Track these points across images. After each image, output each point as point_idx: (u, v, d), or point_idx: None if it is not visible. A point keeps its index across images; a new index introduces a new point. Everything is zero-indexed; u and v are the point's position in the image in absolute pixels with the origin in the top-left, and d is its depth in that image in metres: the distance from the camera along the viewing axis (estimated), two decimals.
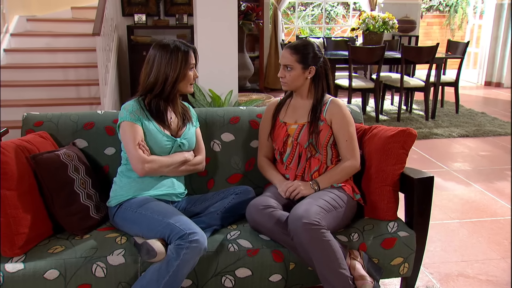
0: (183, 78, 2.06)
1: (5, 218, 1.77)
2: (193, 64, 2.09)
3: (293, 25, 8.42)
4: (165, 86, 2.04)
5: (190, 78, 2.08)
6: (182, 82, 2.07)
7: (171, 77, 2.02)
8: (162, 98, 2.07)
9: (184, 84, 2.08)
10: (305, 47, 2.17)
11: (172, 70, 2.02)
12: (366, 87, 5.68)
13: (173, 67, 2.02)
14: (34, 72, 5.53)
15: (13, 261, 1.79)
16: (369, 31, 5.82)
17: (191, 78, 2.09)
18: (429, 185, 2.06)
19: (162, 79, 2.03)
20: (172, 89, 2.06)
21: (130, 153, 1.97)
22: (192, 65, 2.07)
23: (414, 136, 2.13)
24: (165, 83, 2.03)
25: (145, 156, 1.97)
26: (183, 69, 2.03)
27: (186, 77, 2.07)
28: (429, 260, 2.65)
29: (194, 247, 1.76)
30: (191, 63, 2.07)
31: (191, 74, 2.08)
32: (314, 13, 8.83)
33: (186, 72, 2.05)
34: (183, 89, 2.10)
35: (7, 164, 1.80)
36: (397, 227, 2.08)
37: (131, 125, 1.99)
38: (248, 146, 2.41)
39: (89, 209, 2.02)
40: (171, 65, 2.02)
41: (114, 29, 6.19)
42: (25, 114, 2.30)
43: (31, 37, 6.08)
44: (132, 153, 1.97)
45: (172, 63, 2.02)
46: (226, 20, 3.69)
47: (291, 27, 8.44)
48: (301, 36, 7.64)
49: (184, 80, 2.07)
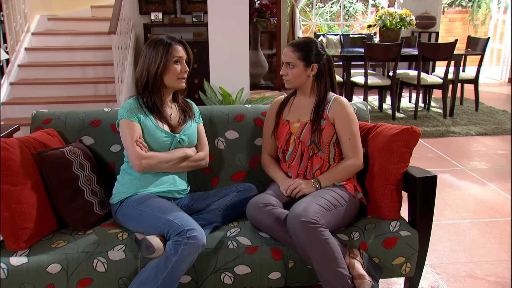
0: (164, 70, 2.05)
1: (9, 212, 1.82)
2: (178, 57, 2.08)
3: (311, 22, 8.37)
4: (148, 78, 2.06)
5: (175, 71, 2.07)
6: (166, 75, 2.07)
7: (152, 69, 2.04)
8: (153, 92, 2.09)
9: (170, 77, 2.07)
10: (307, 45, 2.17)
11: (153, 62, 2.04)
12: (382, 84, 5.62)
13: (153, 59, 2.04)
14: (53, 70, 5.65)
15: (17, 254, 1.84)
16: (386, 27, 5.75)
17: (177, 71, 2.08)
18: (432, 184, 2.03)
19: (145, 72, 2.06)
20: (155, 81, 2.06)
21: (128, 150, 2.01)
22: (176, 57, 2.07)
23: (418, 135, 2.11)
24: (148, 76, 2.06)
25: (142, 152, 1.99)
26: (164, 60, 2.03)
27: (169, 70, 2.06)
28: (437, 260, 2.62)
29: (192, 243, 1.77)
30: (175, 55, 2.06)
31: (177, 67, 2.07)
32: (333, 10, 8.76)
33: (168, 64, 2.05)
34: (170, 83, 2.09)
35: (12, 160, 1.85)
36: (399, 226, 2.05)
37: (129, 122, 2.02)
38: (253, 144, 2.42)
39: (93, 205, 2.06)
40: (153, 58, 2.04)
41: (131, 28, 6.27)
42: (34, 111, 2.36)
43: (51, 36, 6.20)
44: (129, 150, 2.00)
45: (153, 56, 2.04)
46: (238, 18, 3.70)
47: (309, 24, 8.39)
48: (319, 33, 7.59)
49: (168, 73, 2.06)
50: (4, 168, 1.82)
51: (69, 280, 1.84)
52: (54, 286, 1.84)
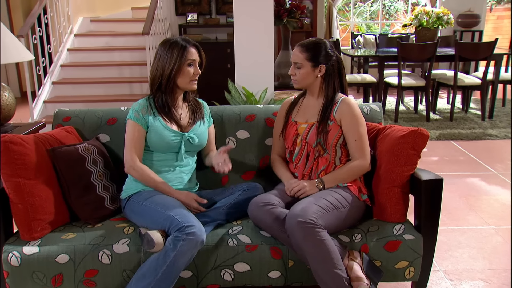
0: (178, 72, 2.12)
1: (23, 204, 1.94)
2: (192, 60, 2.14)
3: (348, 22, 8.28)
4: (162, 79, 2.12)
5: (188, 74, 2.13)
6: (180, 77, 2.13)
7: (166, 70, 2.11)
8: (166, 93, 2.15)
9: (183, 79, 2.14)
10: (316, 45, 2.17)
11: (167, 63, 2.10)
12: (417, 85, 5.49)
13: (168, 61, 2.10)
14: (92, 70, 5.90)
15: (30, 244, 1.95)
16: (422, 27, 5.61)
17: (190, 74, 2.14)
18: (437, 187, 1.99)
19: (159, 73, 2.12)
20: (168, 82, 2.13)
21: (125, 151, 2.12)
22: (190, 60, 2.13)
23: (426, 137, 2.07)
24: (162, 77, 2.12)
25: (135, 160, 2.10)
26: (178, 63, 2.10)
27: (183, 72, 2.12)
28: (452, 266, 2.55)
29: (190, 239, 1.82)
30: (189, 58, 2.12)
31: (190, 70, 2.14)
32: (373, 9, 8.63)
33: (182, 67, 2.11)
34: (182, 85, 2.16)
35: (26, 155, 1.97)
36: (404, 229, 2.02)
37: (133, 124, 2.12)
38: (263, 144, 2.45)
39: (104, 200, 2.15)
40: (167, 59, 2.10)
41: (168, 28, 6.44)
42: (56, 110, 2.49)
43: (92, 37, 6.47)
44: (126, 152, 2.11)
45: (168, 57, 2.10)
46: (262, 18, 3.73)
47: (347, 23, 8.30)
48: (357, 33, 7.50)
49: (181, 75, 2.13)
50: (18, 162, 1.94)
51: (76, 270, 1.93)
52: (63, 275, 1.94)
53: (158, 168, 2.16)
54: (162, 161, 2.17)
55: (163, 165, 2.17)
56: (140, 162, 2.11)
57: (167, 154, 2.17)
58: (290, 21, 4.83)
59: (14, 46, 2.41)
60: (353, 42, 7.23)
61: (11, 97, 2.50)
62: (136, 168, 2.10)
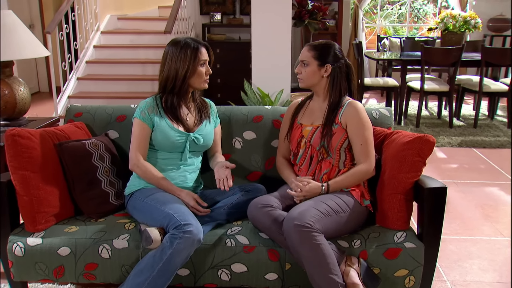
0: (192, 74, 2.14)
1: (28, 197, 1.99)
2: (204, 60, 2.17)
3: (375, 24, 8.17)
4: (176, 81, 2.14)
5: (201, 74, 2.16)
6: (192, 78, 2.15)
7: (181, 72, 2.13)
8: (175, 93, 2.17)
9: (196, 79, 2.16)
10: (324, 46, 2.16)
11: (181, 66, 2.12)
12: (440, 90, 5.37)
13: (182, 63, 2.12)
14: (117, 67, 6.00)
15: (34, 236, 2.00)
16: (448, 31, 5.49)
17: (203, 74, 2.17)
18: (440, 195, 1.95)
19: (172, 74, 2.14)
20: (183, 84, 2.15)
21: (130, 149, 2.16)
22: (202, 61, 2.16)
23: (432, 144, 2.02)
24: (176, 79, 2.14)
25: (139, 158, 2.13)
26: (192, 64, 2.12)
27: (197, 73, 2.15)
28: (460, 277, 2.49)
29: (187, 237, 1.84)
30: (201, 59, 2.15)
31: (202, 70, 2.16)
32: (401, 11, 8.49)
33: (196, 68, 2.14)
34: (195, 85, 2.19)
35: (33, 149, 2.02)
36: (405, 237, 1.99)
37: (139, 123, 2.14)
38: (269, 145, 2.44)
39: (109, 196, 2.19)
40: (181, 61, 2.12)
41: (192, 27, 6.50)
42: (69, 105, 2.54)
43: (118, 34, 6.59)
44: (131, 150, 2.15)
45: (181, 59, 2.12)
46: (280, 18, 3.73)
47: (373, 26, 8.20)
48: (383, 36, 7.39)
49: (195, 76, 2.15)
50: (25, 155, 1.99)
51: (77, 263, 1.97)
52: (64, 267, 1.98)
53: (163, 166, 2.19)
54: (167, 159, 2.20)
55: (167, 163, 2.19)
56: (144, 160, 2.14)
57: (172, 153, 2.20)
58: (311, 22, 4.83)
59: (30, 42, 2.48)
60: (378, 45, 7.14)
61: (26, 91, 2.57)
62: (139, 166, 2.13)
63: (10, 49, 2.39)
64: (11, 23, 2.42)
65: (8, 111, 2.54)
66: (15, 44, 2.40)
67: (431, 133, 5.14)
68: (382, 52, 6.83)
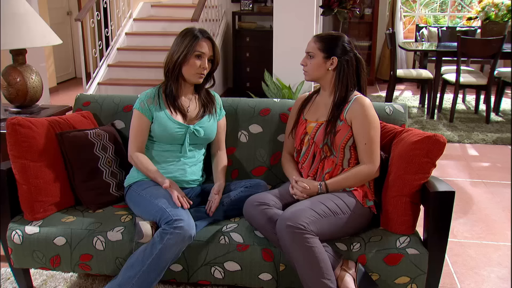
0: (184, 61, 2.08)
1: (27, 185, 2.00)
2: (201, 53, 2.09)
3: (414, 13, 7.84)
4: (169, 65, 2.11)
5: (194, 66, 2.09)
6: (185, 67, 2.10)
7: (174, 57, 2.09)
8: (172, 80, 2.13)
9: (188, 70, 2.10)
10: (331, 37, 2.06)
11: (176, 51, 2.08)
12: (477, 83, 5.09)
13: (177, 48, 2.08)
14: (147, 54, 6.03)
15: (32, 224, 2.02)
16: (489, 20, 5.18)
17: (196, 66, 2.09)
18: (448, 200, 1.82)
19: (169, 60, 2.11)
20: (174, 70, 2.10)
21: (129, 139, 2.14)
22: (198, 52, 2.08)
23: (442, 144, 1.88)
24: (169, 63, 2.11)
25: (135, 150, 2.12)
26: (185, 51, 2.07)
27: (189, 62, 2.08)
28: (475, 285, 2.34)
29: (177, 233, 1.80)
30: (197, 49, 2.08)
31: (197, 62, 2.09)
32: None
33: (189, 57, 2.07)
34: (187, 76, 2.13)
35: (33, 138, 2.03)
36: (408, 243, 1.87)
37: (138, 115, 2.12)
38: (275, 140, 2.37)
39: (109, 186, 2.18)
40: (178, 47, 2.09)
41: (223, 15, 6.44)
42: (78, 94, 2.55)
43: (150, 21, 6.61)
44: (130, 140, 2.14)
45: (179, 45, 2.09)
46: (303, 7, 3.61)
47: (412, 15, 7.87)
48: (422, 25, 7.08)
49: (187, 65, 2.09)
50: (25, 145, 2.00)
51: (72, 253, 1.98)
52: (60, 256, 1.99)
53: (162, 158, 2.15)
54: (167, 152, 2.16)
55: (167, 155, 2.16)
56: (139, 153, 2.12)
57: (172, 145, 2.16)
58: (340, 11, 4.66)
59: (41, 31, 2.49)
60: (417, 35, 6.85)
61: (38, 80, 2.60)
62: (134, 158, 2.12)
63: (20, 37, 2.40)
64: (22, 12, 2.44)
65: (20, 98, 2.57)
66: (25, 32, 2.41)
67: (465, 128, 4.89)
68: (420, 42, 6.55)
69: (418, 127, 4.96)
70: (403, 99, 6.21)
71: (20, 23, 2.42)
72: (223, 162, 2.24)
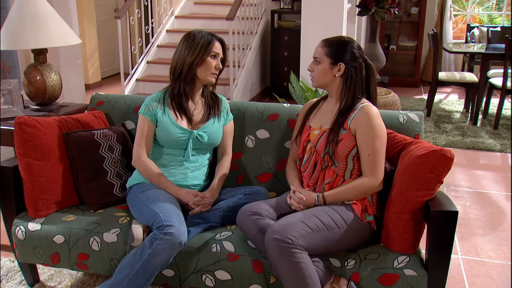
0: (200, 62, 2.08)
1: (31, 183, 2.06)
2: (216, 53, 2.10)
3: (465, 12, 7.45)
4: (183, 68, 2.10)
5: (210, 66, 2.09)
6: (200, 68, 2.09)
7: (189, 59, 2.08)
8: (183, 80, 2.12)
9: (203, 70, 2.10)
10: (340, 43, 1.97)
11: (190, 54, 2.08)
12: None
13: (191, 51, 2.08)
14: None
15: (34, 221, 2.07)
16: None
17: (212, 66, 2.10)
18: (451, 220, 1.69)
19: (181, 62, 2.10)
20: (189, 71, 2.09)
21: (135, 143, 2.14)
22: (214, 53, 2.09)
23: (448, 160, 1.76)
24: (183, 65, 2.09)
25: (141, 155, 2.11)
26: (201, 53, 2.07)
27: (205, 63, 2.09)
28: None
29: (167, 239, 1.78)
30: (213, 51, 2.09)
31: (212, 62, 2.09)
32: None
33: (205, 58, 2.08)
34: (202, 77, 2.12)
35: (38, 137, 2.08)
36: (406, 263, 1.76)
37: (143, 119, 2.13)
38: (282, 146, 2.30)
39: (113, 187, 2.20)
40: (191, 50, 2.08)
41: (262, 13, 6.39)
42: (94, 93, 2.59)
43: (192, 19, 6.66)
44: (134, 146, 2.14)
45: (192, 48, 2.08)
46: (333, 8, 3.50)
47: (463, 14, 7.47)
48: (473, 25, 6.72)
49: (203, 66, 2.09)
50: (30, 143, 2.05)
51: (70, 252, 2.01)
52: (59, 254, 2.03)
53: (165, 162, 2.15)
54: (170, 155, 2.15)
55: (170, 159, 2.15)
56: (146, 157, 2.12)
57: (175, 149, 2.15)
58: (378, 11, 4.49)
59: (60, 31, 2.55)
60: (467, 35, 6.51)
61: (57, 78, 2.66)
62: (140, 163, 2.11)
63: (38, 37, 2.47)
64: (41, 11, 2.50)
65: (39, 96, 2.64)
66: (43, 32, 2.48)
67: (508, 136, 4.60)
68: (470, 44, 6.22)
69: (458, 133, 4.71)
70: (447, 103, 5.92)
71: (40, 23, 2.48)
72: (223, 170, 2.20)
